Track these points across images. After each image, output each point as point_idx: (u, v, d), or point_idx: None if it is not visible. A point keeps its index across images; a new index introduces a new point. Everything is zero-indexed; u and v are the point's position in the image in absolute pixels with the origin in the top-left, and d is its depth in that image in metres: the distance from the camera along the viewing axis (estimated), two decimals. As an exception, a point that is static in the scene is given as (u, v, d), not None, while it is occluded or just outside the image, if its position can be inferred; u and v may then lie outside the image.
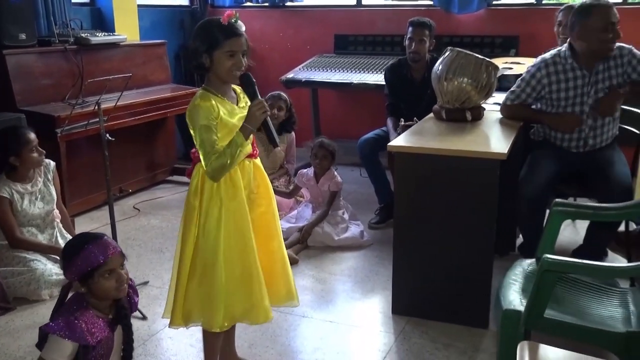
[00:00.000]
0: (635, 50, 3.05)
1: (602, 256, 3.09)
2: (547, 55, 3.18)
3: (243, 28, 2.11)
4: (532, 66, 3.21)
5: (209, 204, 2.13)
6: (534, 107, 3.27)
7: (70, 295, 1.95)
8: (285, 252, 2.37)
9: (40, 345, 1.88)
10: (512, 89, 3.28)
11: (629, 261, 3.20)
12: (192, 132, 2.11)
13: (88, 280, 1.87)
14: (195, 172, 2.18)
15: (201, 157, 2.08)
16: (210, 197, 2.13)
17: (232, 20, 2.07)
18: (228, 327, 2.23)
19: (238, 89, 2.23)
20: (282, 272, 2.34)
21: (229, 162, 2.05)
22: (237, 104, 2.18)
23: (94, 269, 1.86)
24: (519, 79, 3.28)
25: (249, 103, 2.16)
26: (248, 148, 2.15)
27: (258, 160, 2.28)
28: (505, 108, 3.29)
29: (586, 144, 3.14)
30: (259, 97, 2.13)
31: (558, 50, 3.16)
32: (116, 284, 1.90)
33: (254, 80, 2.15)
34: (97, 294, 1.90)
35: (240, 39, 2.08)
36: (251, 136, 2.13)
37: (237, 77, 2.11)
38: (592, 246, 3.11)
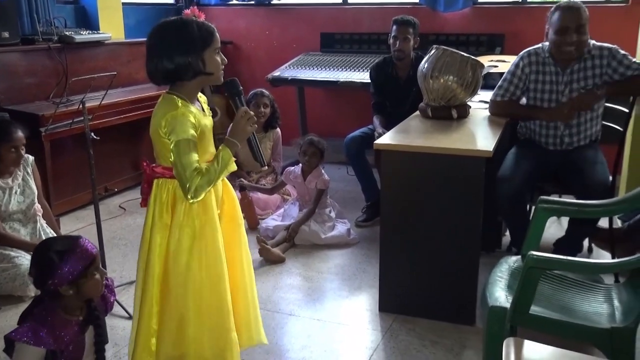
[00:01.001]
0: (616, 51, 3.04)
1: (576, 251, 3.10)
2: (531, 48, 3.23)
3: None
4: (516, 58, 3.25)
5: (182, 225, 1.93)
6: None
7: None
8: (253, 287, 2.19)
9: (7, 350, 1.86)
10: (499, 84, 3.29)
11: (613, 258, 3.24)
12: (160, 141, 1.89)
13: (80, 280, 1.85)
14: (162, 187, 1.96)
15: (181, 175, 1.85)
16: (183, 217, 1.93)
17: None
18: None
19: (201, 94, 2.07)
20: (246, 310, 2.17)
21: (214, 178, 1.88)
22: (202, 110, 2.01)
23: (87, 266, 1.86)
24: (505, 73, 3.30)
25: (207, 110, 2.03)
26: (233, 165, 1.95)
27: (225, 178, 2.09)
28: (494, 105, 3.30)
29: (562, 141, 3.16)
30: (245, 106, 2.00)
31: (542, 44, 3.19)
32: (100, 284, 1.91)
33: (241, 87, 2.03)
34: (88, 291, 1.88)
35: (217, 34, 1.95)
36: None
37: (222, 76, 1.97)
38: (572, 240, 3.13)
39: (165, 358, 1.99)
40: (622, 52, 3.06)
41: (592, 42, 3.07)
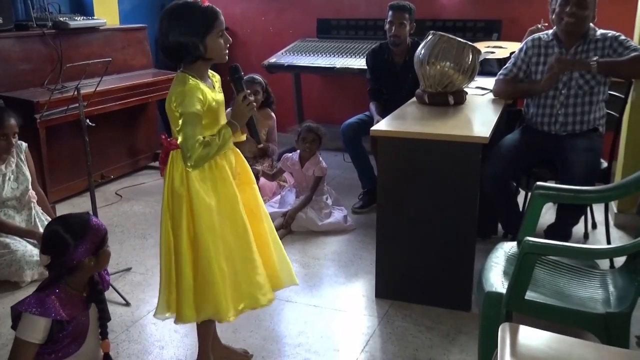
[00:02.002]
0: (621, 38, 3.07)
1: (566, 238, 3.12)
2: (537, 33, 3.32)
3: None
4: (524, 42, 3.33)
5: (199, 192, 2.06)
6: None
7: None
8: (275, 233, 2.36)
9: (14, 326, 1.88)
10: (505, 66, 3.41)
11: (609, 243, 3.25)
12: (173, 115, 2.03)
13: (99, 251, 1.92)
14: (176, 159, 2.09)
15: (184, 144, 1.99)
16: (200, 184, 2.07)
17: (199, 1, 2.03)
18: (236, 317, 2.18)
19: (212, 72, 2.19)
20: (278, 255, 2.34)
21: (214, 152, 2.03)
22: (213, 88, 2.14)
23: (104, 237, 1.94)
24: (512, 55, 3.38)
25: (219, 87, 2.17)
26: (231, 143, 2.13)
27: (237, 149, 2.25)
28: (495, 83, 3.40)
29: (556, 121, 3.16)
30: (245, 90, 2.12)
31: (547, 31, 3.28)
32: (110, 255, 1.99)
33: (242, 73, 2.16)
34: (99, 266, 1.95)
35: (221, 16, 2.05)
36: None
37: (227, 55, 2.09)
38: (561, 226, 3.14)
39: (205, 310, 2.13)
40: (626, 38, 3.10)
41: (600, 30, 3.11)
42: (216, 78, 2.21)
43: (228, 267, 2.12)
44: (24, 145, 3.34)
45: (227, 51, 2.10)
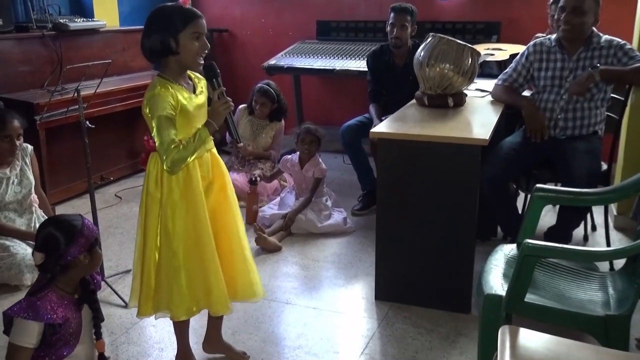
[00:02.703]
0: (627, 47, 3.06)
1: (567, 240, 3.12)
2: (540, 39, 3.31)
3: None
4: (526, 47, 3.32)
5: (169, 196, 2.12)
6: (526, 93, 3.35)
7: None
8: (248, 250, 2.34)
9: (7, 331, 1.88)
10: (505, 70, 3.41)
11: (608, 245, 3.25)
12: (149, 121, 2.05)
13: (92, 249, 1.93)
14: (154, 161, 2.14)
15: (159, 147, 2.01)
16: (170, 190, 2.12)
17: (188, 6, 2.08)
18: (191, 316, 2.27)
19: (192, 74, 2.20)
20: (245, 270, 2.33)
21: (190, 156, 2.04)
22: (193, 92, 2.14)
23: (96, 236, 1.96)
24: (514, 60, 3.38)
25: (205, 91, 2.18)
26: (211, 143, 2.17)
27: (215, 150, 2.26)
28: (494, 88, 3.41)
29: (556, 125, 3.16)
30: (222, 89, 2.12)
31: (550, 36, 3.27)
32: (101, 255, 2.02)
33: (218, 70, 2.14)
34: (92, 266, 1.96)
35: (203, 21, 2.07)
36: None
37: (201, 62, 2.09)
38: (562, 229, 3.14)
39: (160, 308, 2.23)
40: (631, 47, 3.09)
41: (605, 36, 3.10)
42: (202, 82, 2.21)
43: (189, 270, 2.17)
44: (30, 148, 3.33)
45: (202, 59, 2.09)
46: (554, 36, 3.21)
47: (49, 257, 1.88)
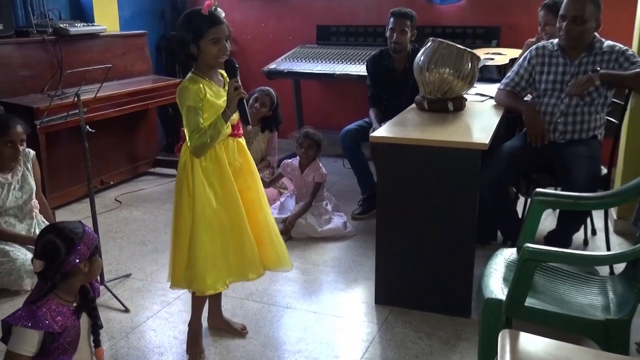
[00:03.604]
0: (628, 52, 3.06)
1: (567, 245, 3.11)
2: (542, 42, 3.32)
3: (223, 15, 2.26)
4: (528, 51, 3.33)
5: (198, 179, 2.31)
6: (527, 98, 3.35)
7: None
8: (274, 223, 2.54)
9: (5, 338, 1.86)
10: (507, 74, 3.42)
11: (608, 249, 3.25)
12: (181, 111, 2.27)
13: (92, 258, 1.93)
14: (184, 149, 2.34)
15: (187, 134, 2.26)
16: (199, 172, 2.31)
17: (212, 9, 2.22)
18: (224, 289, 2.46)
19: (225, 73, 2.39)
20: (270, 240, 2.51)
21: (208, 141, 2.23)
22: (224, 87, 2.35)
23: (96, 244, 1.96)
24: (516, 64, 3.38)
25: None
26: (227, 130, 2.33)
27: (242, 140, 2.45)
28: (496, 93, 3.43)
29: (556, 129, 3.16)
30: (236, 79, 2.27)
31: (552, 40, 3.27)
32: (101, 264, 2.01)
33: (237, 65, 2.30)
34: (91, 274, 1.95)
35: (222, 26, 2.24)
36: (235, 117, 2.31)
37: (223, 62, 2.27)
38: (562, 233, 3.14)
39: (191, 282, 2.39)
40: (633, 53, 3.09)
41: (607, 42, 3.10)
42: (226, 79, 2.39)
43: (220, 245, 2.36)
44: (32, 153, 3.33)
45: (222, 60, 2.27)
46: (556, 40, 3.21)
47: (48, 265, 1.86)
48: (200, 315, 2.57)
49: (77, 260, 1.87)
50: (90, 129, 2.94)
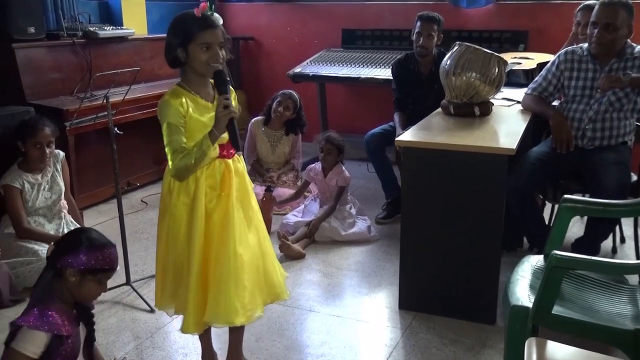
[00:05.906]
0: None
1: (595, 252, 3.06)
2: (571, 47, 3.28)
3: (220, 21, 2.05)
4: (556, 56, 3.29)
5: (175, 205, 2.12)
6: (555, 103, 3.31)
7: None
8: (269, 248, 2.29)
9: (10, 339, 1.84)
10: (535, 79, 3.38)
11: (638, 258, 3.20)
12: (162, 128, 2.06)
13: (87, 276, 1.88)
14: (167, 171, 2.16)
15: (167, 153, 2.06)
16: (177, 198, 2.12)
17: (207, 12, 2.01)
18: (196, 333, 2.24)
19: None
20: (266, 272, 2.25)
21: (192, 162, 2.01)
22: (212, 102, 2.10)
23: (103, 270, 1.90)
24: (544, 68, 3.34)
25: (232, 101, 2.09)
26: (215, 152, 2.08)
27: (231, 161, 2.16)
28: (523, 98, 3.40)
29: (584, 135, 3.12)
30: (228, 94, 2.04)
31: (582, 44, 3.23)
32: (98, 294, 1.96)
33: (229, 78, 2.09)
34: (80, 292, 1.91)
35: (215, 31, 2.01)
36: (225, 136, 2.07)
37: (212, 70, 2.03)
38: (590, 241, 3.09)
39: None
40: None
41: (639, 47, 3.06)
42: (232, 95, 2.10)
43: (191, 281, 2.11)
44: (62, 154, 3.38)
45: (212, 68, 2.02)
46: (585, 45, 3.16)
47: (55, 252, 1.91)
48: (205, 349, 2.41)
49: (70, 262, 1.86)
50: (118, 131, 2.98)
